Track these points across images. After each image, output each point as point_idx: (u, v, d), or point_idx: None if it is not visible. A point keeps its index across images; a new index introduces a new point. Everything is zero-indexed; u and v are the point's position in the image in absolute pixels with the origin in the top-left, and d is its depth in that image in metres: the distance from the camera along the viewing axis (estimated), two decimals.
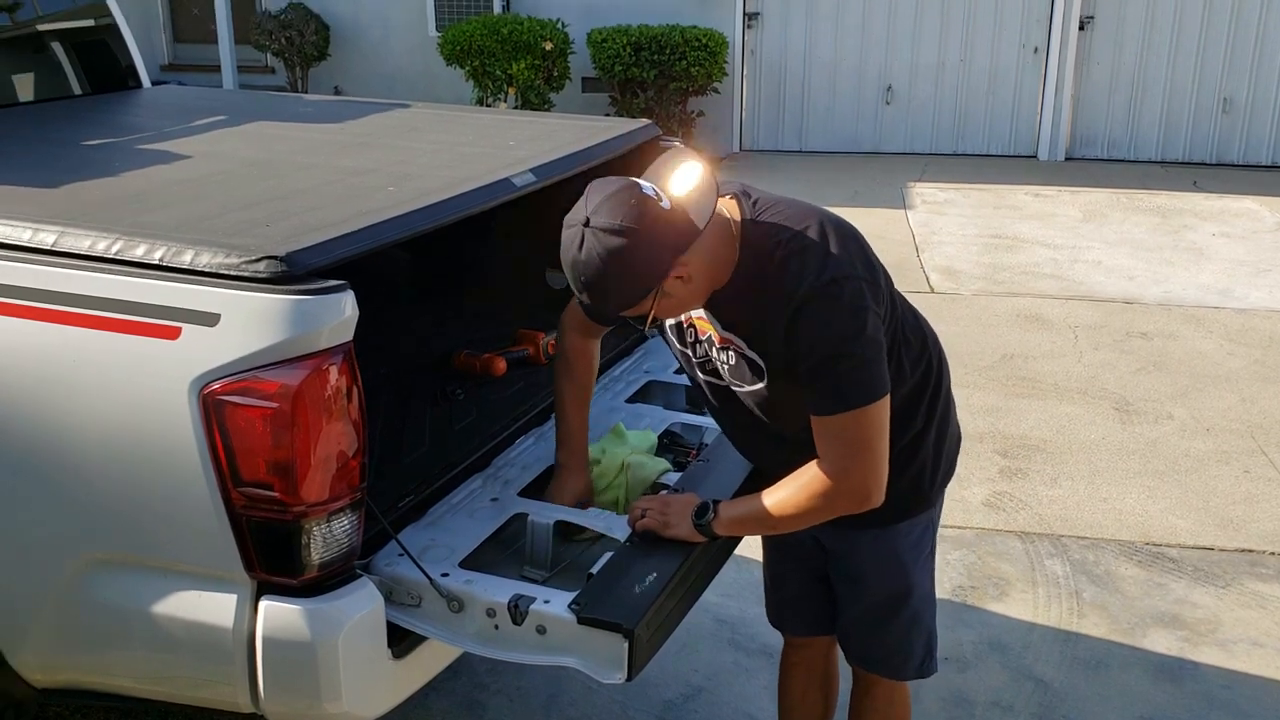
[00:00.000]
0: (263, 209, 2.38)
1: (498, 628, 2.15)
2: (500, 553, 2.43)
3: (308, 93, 11.65)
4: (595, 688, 3.27)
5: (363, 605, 2.10)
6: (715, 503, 2.27)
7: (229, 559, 2.05)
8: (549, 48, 10.34)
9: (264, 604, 2.07)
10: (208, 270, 2.02)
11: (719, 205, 2.08)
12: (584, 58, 10.80)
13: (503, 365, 3.13)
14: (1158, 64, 10.56)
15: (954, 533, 4.14)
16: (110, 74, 4.02)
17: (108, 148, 3.10)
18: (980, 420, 5.11)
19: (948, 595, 3.78)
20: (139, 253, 2.07)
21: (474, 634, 2.18)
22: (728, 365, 2.22)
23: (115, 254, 2.08)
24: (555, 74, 10.64)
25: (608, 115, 9.70)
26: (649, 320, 2.11)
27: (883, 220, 8.41)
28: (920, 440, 2.33)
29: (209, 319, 1.99)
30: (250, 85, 12.22)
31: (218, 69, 12.18)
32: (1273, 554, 4.09)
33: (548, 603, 2.12)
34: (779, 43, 11.08)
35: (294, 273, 2.00)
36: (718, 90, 10.71)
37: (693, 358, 2.30)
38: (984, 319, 6.46)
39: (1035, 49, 10.75)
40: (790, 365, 2.09)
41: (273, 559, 2.04)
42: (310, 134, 3.26)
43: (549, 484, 2.55)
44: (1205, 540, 4.17)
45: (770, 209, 2.15)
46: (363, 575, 2.15)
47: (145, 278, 2.04)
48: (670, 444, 2.86)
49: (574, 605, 2.10)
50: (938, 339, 2.41)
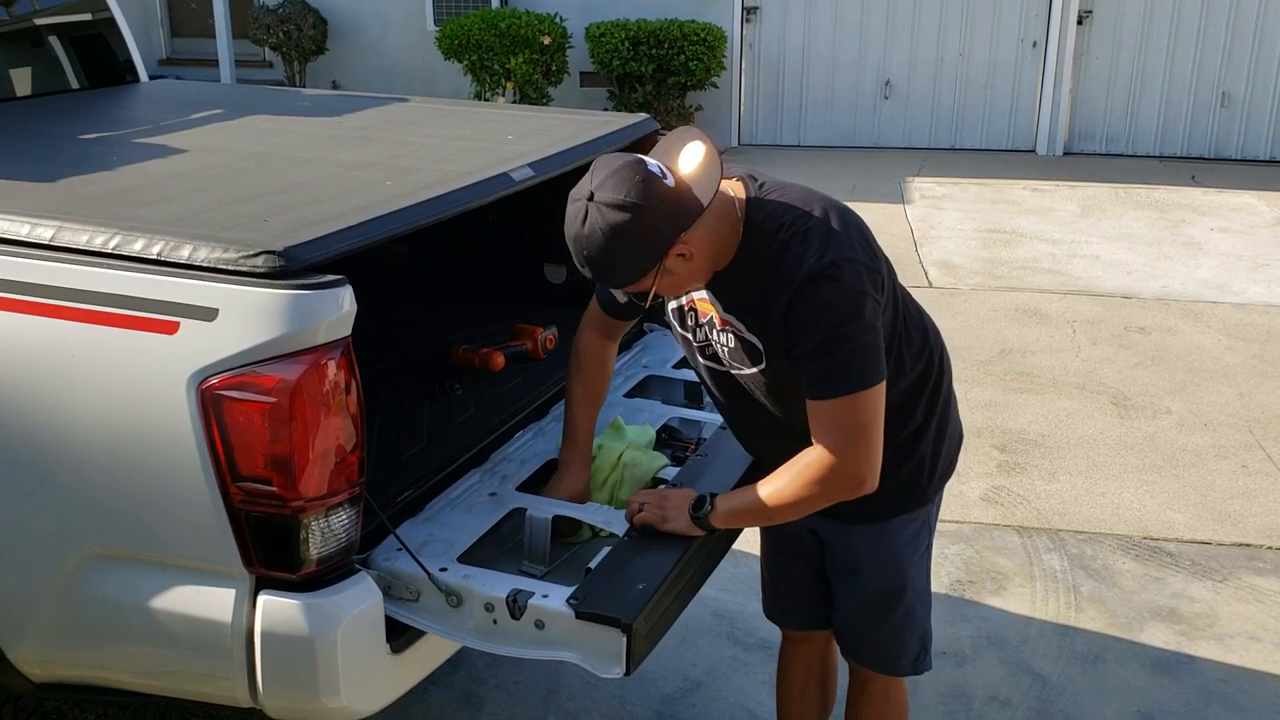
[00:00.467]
0: (260, 203, 2.38)
1: (496, 622, 2.15)
2: (498, 547, 2.43)
3: (305, 87, 11.64)
4: (594, 682, 3.27)
5: (361, 600, 2.10)
6: (712, 496, 2.28)
7: (227, 554, 2.05)
8: (547, 42, 10.33)
9: (262, 599, 2.07)
10: (206, 265, 2.01)
11: (724, 186, 2.09)
12: (582, 52, 10.79)
13: (501, 360, 3.13)
14: (1156, 58, 10.56)
15: (952, 527, 4.14)
16: (108, 68, 4.01)
17: (105, 142, 3.10)
18: (978, 415, 5.12)
19: (946, 590, 3.79)
20: (137, 247, 2.06)
21: (472, 628, 2.18)
22: (727, 348, 2.21)
23: (113, 249, 2.08)
24: (553, 68, 10.63)
25: (606, 110, 9.69)
26: (649, 297, 2.11)
27: (881, 215, 8.40)
28: (919, 435, 2.33)
29: (207, 314, 1.98)
30: (248, 80, 12.20)
31: (215, 63, 12.16)
32: (1270, 548, 4.09)
33: (546, 597, 2.12)
34: (777, 37, 11.07)
35: (292, 267, 1.99)
36: (716, 85, 10.70)
37: (693, 341, 2.30)
38: (982, 314, 6.47)
39: (1034, 43, 10.74)
40: (788, 348, 2.09)
41: (271, 554, 2.04)
42: (308, 128, 3.26)
43: (549, 480, 2.55)
44: (1203, 535, 4.18)
45: (775, 192, 2.15)
46: (361, 570, 2.15)
47: (143, 272, 2.04)
48: (669, 439, 2.86)
49: (572, 600, 2.10)
50: (940, 334, 2.41)
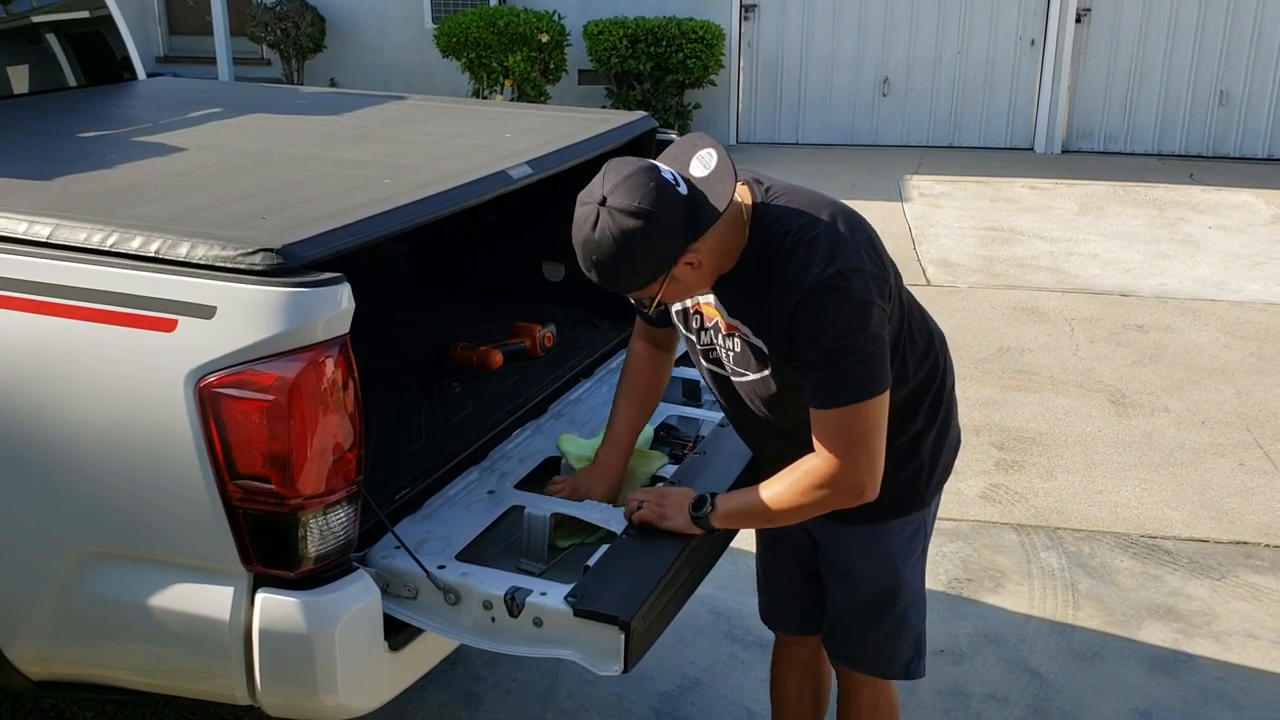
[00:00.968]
0: (259, 201, 2.38)
1: (494, 620, 2.15)
2: (497, 545, 2.43)
3: (303, 85, 11.62)
4: (592, 680, 3.28)
5: (359, 598, 2.10)
6: (712, 496, 2.27)
7: (225, 551, 2.05)
8: (545, 40, 10.33)
9: (261, 596, 2.07)
10: (204, 263, 2.01)
11: (736, 198, 2.07)
12: (580, 50, 10.79)
13: (499, 358, 3.13)
14: (1154, 56, 10.56)
15: (950, 525, 4.14)
16: (105, 66, 4.01)
17: (103, 140, 3.09)
18: (976, 413, 5.12)
19: (943, 588, 3.79)
20: (135, 245, 2.06)
21: (471, 626, 2.18)
22: (732, 352, 2.20)
23: (111, 246, 2.08)
24: (552, 66, 10.62)
25: (604, 108, 9.69)
26: (655, 303, 2.11)
27: (879, 213, 8.40)
28: (919, 440, 2.32)
29: (205, 311, 1.98)
30: (246, 77, 12.20)
31: (213, 61, 12.15)
32: (1267, 546, 4.10)
33: (544, 595, 2.12)
34: (776, 35, 11.07)
35: (290, 265, 1.99)
36: (714, 83, 10.70)
37: (698, 345, 2.29)
38: (980, 312, 6.47)
39: (1032, 41, 10.74)
40: (791, 355, 2.09)
41: (269, 551, 2.04)
42: (306, 126, 3.25)
43: (582, 471, 2.52)
44: (1200, 532, 4.18)
45: (781, 196, 2.14)
46: (359, 568, 2.15)
47: (141, 270, 2.04)
48: (667, 437, 2.86)
49: (570, 597, 2.10)
50: (945, 339, 2.39)
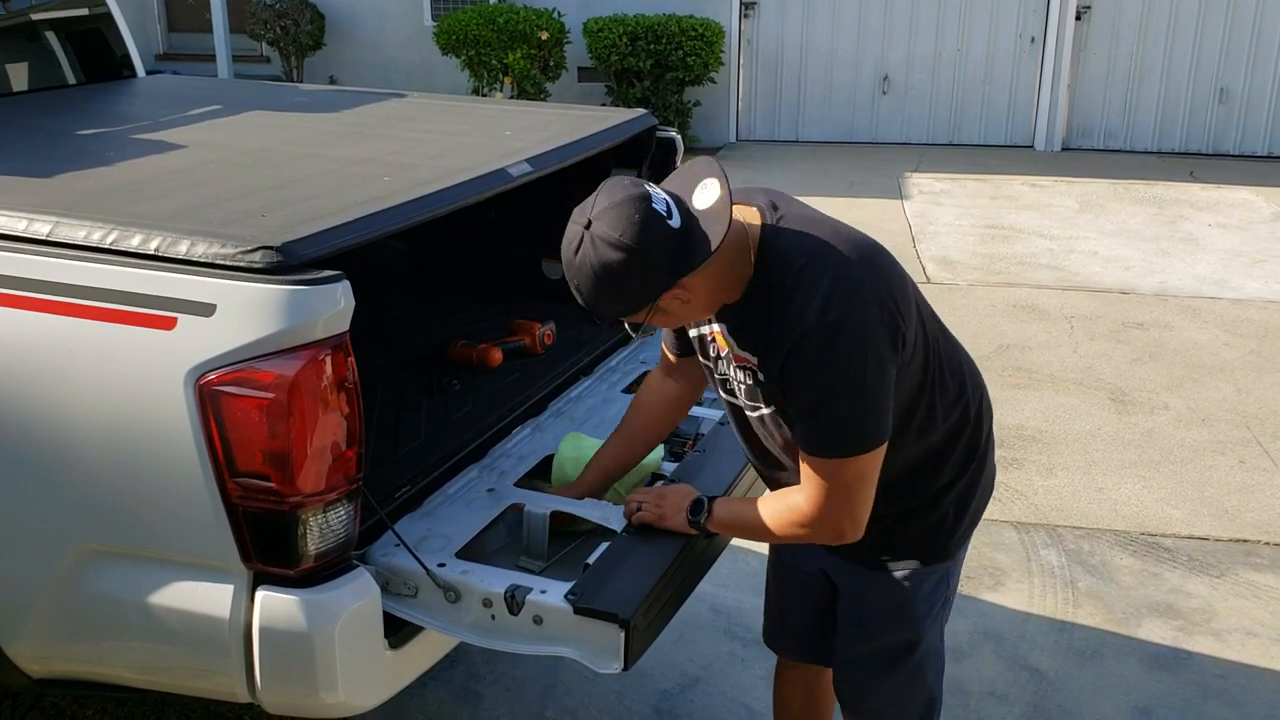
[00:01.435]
0: (258, 199, 2.38)
1: (494, 618, 2.15)
2: (497, 543, 2.43)
3: (303, 82, 11.62)
4: (592, 677, 3.28)
5: (359, 596, 2.10)
6: (710, 500, 2.25)
7: (225, 549, 2.05)
8: (545, 37, 10.32)
9: (261, 594, 2.07)
10: (203, 260, 2.01)
11: (739, 214, 1.98)
12: (580, 47, 10.78)
13: (499, 356, 3.13)
14: (1154, 54, 10.56)
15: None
16: (105, 63, 4.00)
17: (102, 137, 3.09)
18: None
19: None
20: (134, 243, 2.06)
21: (470, 624, 2.18)
22: (744, 385, 2.10)
23: (110, 244, 2.08)
24: (551, 64, 10.62)
25: (604, 105, 9.68)
26: (640, 329, 2.05)
27: (879, 211, 8.40)
28: (946, 492, 2.20)
29: (205, 309, 1.98)
30: (245, 75, 12.19)
31: (213, 58, 12.14)
32: (1267, 544, 4.10)
33: (544, 593, 2.12)
34: (775, 32, 11.06)
35: (290, 263, 1.99)
36: (714, 80, 10.70)
37: (714, 373, 2.19)
38: (980, 309, 6.47)
39: (1032, 39, 10.74)
40: (786, 396, 2.01)
41: (269, 549, 2.04)
42: (306, 124, 3.25)
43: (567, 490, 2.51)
44: (1200, 530, 4.18)
45: (795, 225, 2.00)
46: (359, 566, 2.15)
47: (141, 268, 2.04)
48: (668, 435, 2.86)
49: (570, 595, 2.10)
50: (981, 381, 2.26)
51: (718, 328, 2.11)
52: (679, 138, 3.30)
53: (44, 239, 2.13)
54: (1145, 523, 4.23)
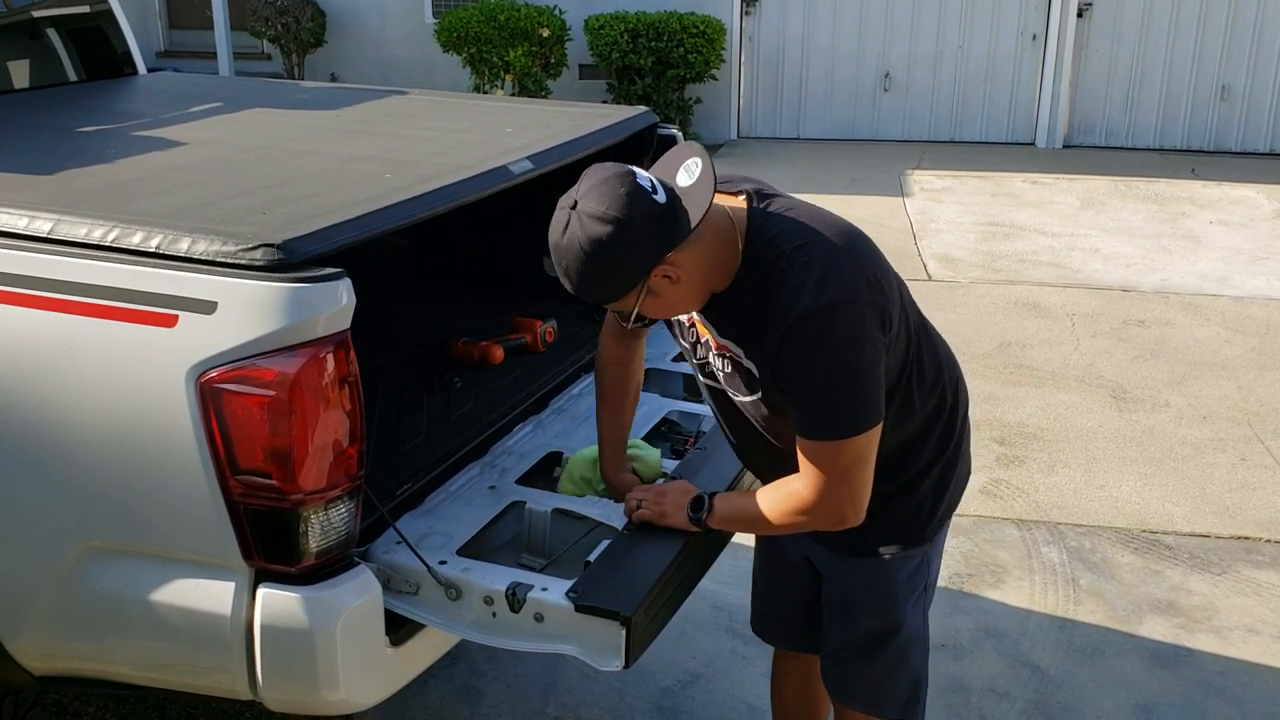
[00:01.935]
0: (259, 196, 2.38)
1: (495, 615, 2.15)
2: (498, 540, 2.43)
3: (304, 80, 11.62)
4: (593, 675, 3.28)
5: (360, 593, 2.11)
6: (710, 497, 2.25)
7: (227, 547, 2.05)
8: (546, 34, 10.32)
9: (262, 592, 2.07)
10: (204, 258, 2.01)
11: (726, 203, 2.01)
12: (581, 45, 10.78)
13: (500, 353, 3.13)
14: (1156, 51, 10.55)
15: (951, 520, 4.14)
16: (106, 61, 4.00)
17: (104, 135, 3.09)
18: (977, 408, 5.10)
19: (944, 583, 3.79)
20: (135, 240, 2.06)
21: (472, 621, 2.18)
22: (724, 372, 2.13)
23: (112, 242, 2.08)
24: (552, 61, 10.61)
25: (605, 102, 9.68)
26: (632, 317, 2.05)
27: (880, 208, 8.40)
28: (923, 476, 2.24)
29: (206, 307, 1.98)
30: (246, 72, 12.19)
31: (214, 56, 12.15)
32: (1268, 541, 4.10)
33: (545, 590, 2.12)
34: (777, 29, 11.05)
35: (291, 260, 1.99)
36: (715, 77, 10.69)
37: (694, 358, 2.23)
38: (981, 307, 6.47)
39: (1034, 36, 10.73)
40: (778, 384, 2.02)
41: (270, 547, 2.05)
42: (307, 121, 3.25)
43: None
44: (1201, 527, 4.18)
45: (780, 212, 2.03)
46: (360, 563, 2.15)
47: (142, 265, 2.04)
48: (668, 432, 2.86)
49: (571, 593, 2.10)
50: (959, 371, 2.29)
51: (696, 315, 2.13)
52: (680, 135, 3.30)
53: (45, 236, 2.13)
54: (1146, 520, 4.23)
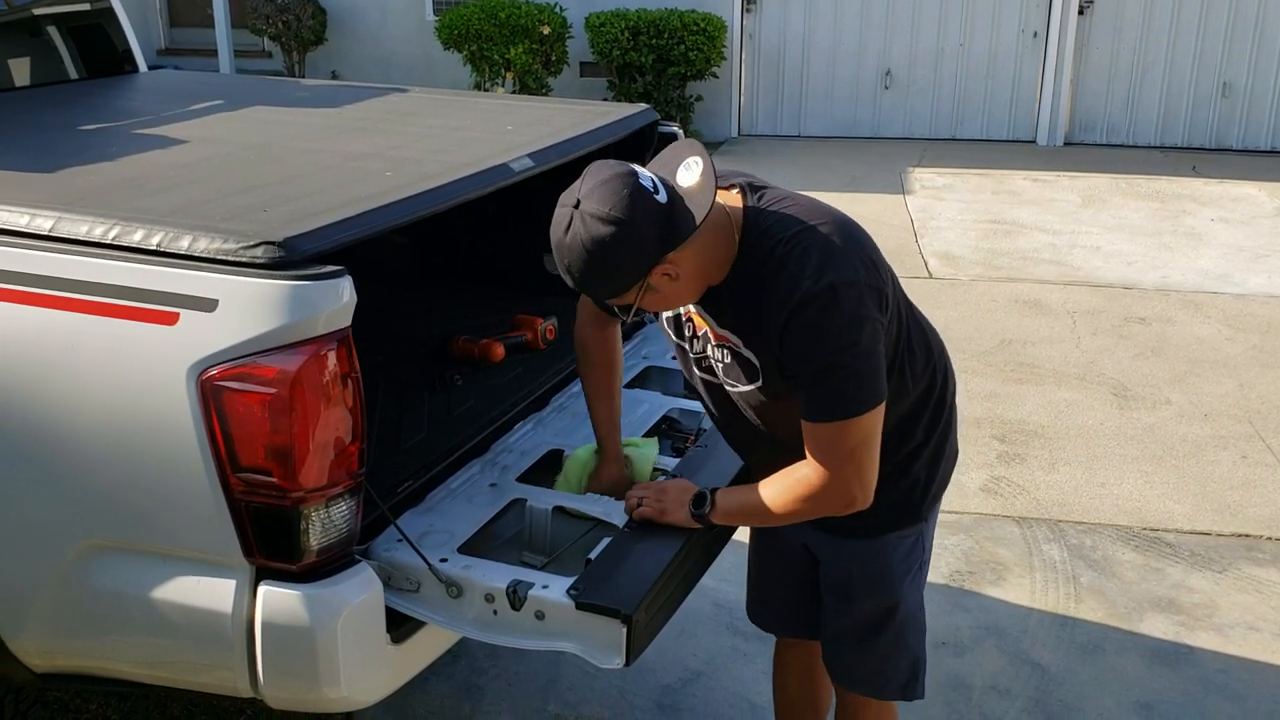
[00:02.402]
0: (260, 194, 2.38)
1: (496, 613, 2.15)
2: (499, 538, 2.43)
3: (305, 77, 11.62)
4: (594, 672, 3.28)
5: (361, 590, 2.11)
6: (712, 492, 2.26)
7: (228, 544, 2.05)
8: (547, 32, 10.31)
9: (263, 589, 2.07)
10: (205, 256, 2.01)
11: (720, 198, 2.03)
12: (582, 42, 10.77)
13: (501, 351, 3.14)
14: (1157, 48, 10.54)
15: (952, 518, 4.14)
16: (106, 58, 4.00)
17: (104, 133, 3.09)
18: (978, 405, 5.12)
19: (945, 580, 3.79)
20: (136, 238, 2.06)
21: (472, 619, 2.18)
22: (722, 364, 2.15)
23: (113, 239, 2.08)
24: (553, 58, 10.61)
25: (606, 100, 9.68)
26: (632, 311, 2.07)
27: (881, 206, 8.40)
28: (916, 455, 2.27)
29: (207, 304, 1.98)
30: (247, 70, 12.19)
31: (214, 53, 12.14)
32: (1269, 539, 4.10)
33: (546, 588, 2.12)
34: (778, 27, 11.05)
35: (292, 258, 1.99)
36: (716, 75, 10.69)
37: (689, 352, 2.24)
38: (982, 304, 6.46)
39: (1034, 33, 10.72)
40: (782, 369, 2.04)
41: (271, 544, 2.05)
42: (308, 119, 3.25)
43: (597, 484, 2.52)
44: (1202, 525, 4.18)
45: (775, 204, 2.07)
46: (361, 561, 2.15)
47: (143, 263, 2.04)
48: (669, 430, 2.86)
49: (572, 590, 2.10)
50: (945, 352, 2.33)
51: (693, 308, 2.16)
52: (681, 133, 3.30)
53: (46, 234, 2.13)
54: (1147, 518, 4.23)
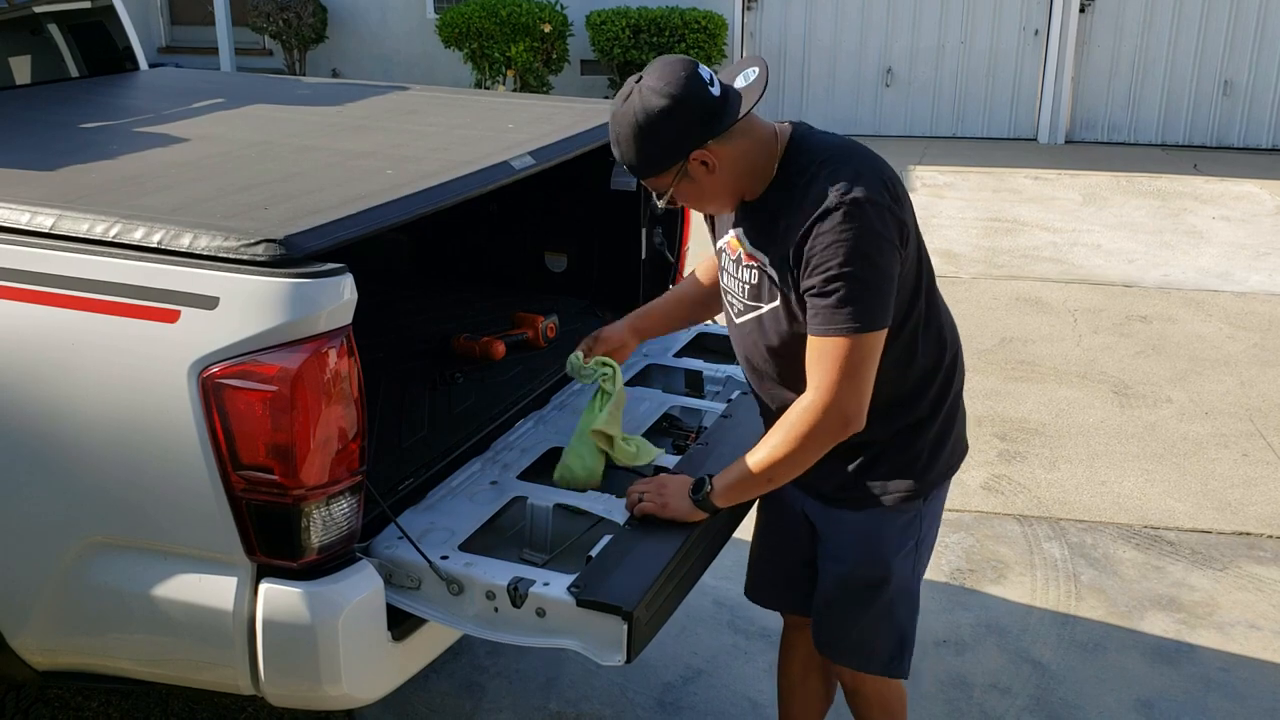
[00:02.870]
0: (261, 192, 2.38)
1: (497, 610, 2.16)
2: (499, 536, 2.43)
3: (305, 75, 11.61)
4: (594, 670, 3.28)
5: (362, 588, 2.11)
6: (709, 476, 2.28)
7: (229, 542, 2.05)
8: (548, 30, 10.31)
9: (264, 587, 2.07)
10: (206, 253, 2.01)
11: (773, 124, 2.21)
12: (583, 40, 10.77)
13: (502, 349, 3.14)
14: (1158, 46, 10.54)
15: (953, 516, 4.14)
16: (107, 56, 4.00)
17: (105, 130, 3.09)
18: (979, 403, 5.12)
19: (946, 578, 3.79)
20: (137, 236, 2.06)
21: (473, 616, 2.18)
22: (749, 285, 2.25)
23: (114, 237, 2.08)
24: (554, 56, 10.61)
25: (607, 98, 9.67)
26: (666, 197, 2.19)
27: None
28: (921, 429, 2.31)
29: (208, 302, 1.98)
30: (248, 68, 12.19)
31: (215, 51, 12.14)
32: (1270, 537, 4.10)
33: (547, 585, 2.12)
34: (778, 25, 11.05)
35: (293, 256, 1.99)
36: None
37: (726, 291, 2.37)
38: (983, 302, 6.46)
39: (1035, 31, 10.72)
40: (798, 284, 2.12)
41: (272, 542, 2.05)
42: (308, 117, 3.25)
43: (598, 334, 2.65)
44: (1203, 523, 4.18)
45: (819, 136, 2.23)
46: (362, 558, 2.15)
47: (144, 261, 2.04)
48: (669, 427, 2.86)
49: (573, 588, 2.10)
50: (959, 339, 2.39)
51: (732, 234, 2.28)
52: None
53: (47, 232, 2.13)
54: (1148, 516, 4.23)
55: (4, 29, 3.72)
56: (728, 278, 2.32)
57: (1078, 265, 7.13)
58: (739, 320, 2.31)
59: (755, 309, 2.25)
